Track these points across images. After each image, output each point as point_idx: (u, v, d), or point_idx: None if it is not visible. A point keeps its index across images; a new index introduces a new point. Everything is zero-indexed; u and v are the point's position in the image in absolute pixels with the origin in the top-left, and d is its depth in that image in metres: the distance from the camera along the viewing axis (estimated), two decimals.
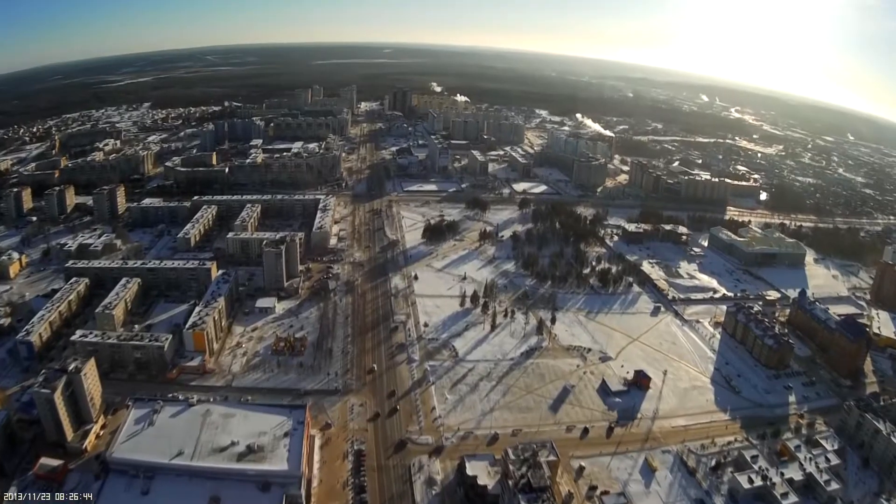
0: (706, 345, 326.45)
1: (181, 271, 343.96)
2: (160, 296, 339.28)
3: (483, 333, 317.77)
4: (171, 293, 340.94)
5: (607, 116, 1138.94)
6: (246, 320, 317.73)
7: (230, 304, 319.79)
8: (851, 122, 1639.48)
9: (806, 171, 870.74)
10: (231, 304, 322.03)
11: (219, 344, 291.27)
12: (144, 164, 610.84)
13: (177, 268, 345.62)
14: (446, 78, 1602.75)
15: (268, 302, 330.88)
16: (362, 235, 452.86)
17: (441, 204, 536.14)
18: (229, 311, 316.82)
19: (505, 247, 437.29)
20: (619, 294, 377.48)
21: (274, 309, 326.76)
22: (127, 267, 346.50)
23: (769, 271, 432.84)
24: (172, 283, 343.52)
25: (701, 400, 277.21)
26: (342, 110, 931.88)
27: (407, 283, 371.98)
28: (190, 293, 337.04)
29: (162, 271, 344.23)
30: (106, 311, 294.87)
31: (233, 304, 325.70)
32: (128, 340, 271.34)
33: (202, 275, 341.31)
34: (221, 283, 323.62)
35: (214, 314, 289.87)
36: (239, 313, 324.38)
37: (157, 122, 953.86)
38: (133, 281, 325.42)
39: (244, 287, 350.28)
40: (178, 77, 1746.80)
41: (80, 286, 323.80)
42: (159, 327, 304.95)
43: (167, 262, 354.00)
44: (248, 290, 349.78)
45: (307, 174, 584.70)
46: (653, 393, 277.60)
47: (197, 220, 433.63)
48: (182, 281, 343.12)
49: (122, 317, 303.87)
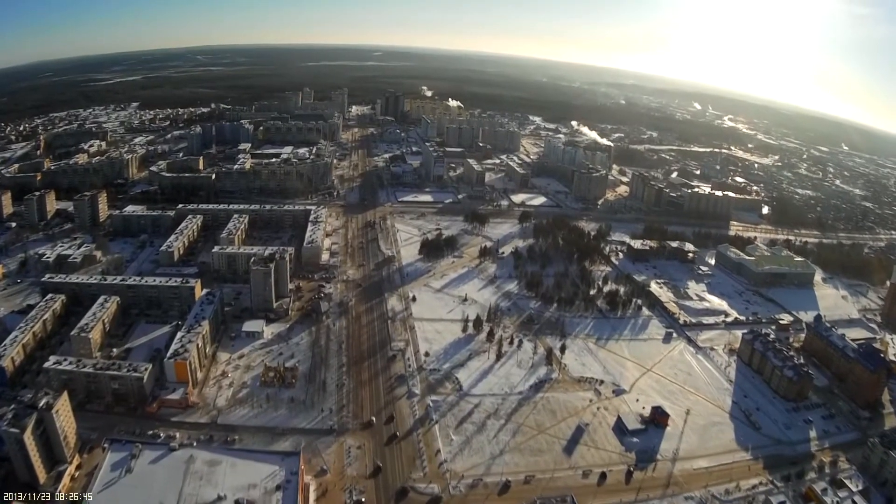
0: (722, 375, 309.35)
1: (163, 289, 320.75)
2: (140, 315, 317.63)
3: (488, 363, 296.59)
4: (151, 312, 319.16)
5: (602, 124, 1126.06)
6: (232, 346, 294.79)
7: (215, 328, 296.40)
8: (844, 132, 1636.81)
9: (804, 183, 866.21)
10: (216, 328, 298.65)
11: (202, 373, 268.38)
12: (129, 168, 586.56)
13: (158, 286, 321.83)
14: (437, 82, 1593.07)
15: (255, 325, 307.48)
16: (355, 250, 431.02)
17: (437, 216, 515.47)
18: (214, 335, 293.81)
19: (506, 264, 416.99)
20: (628, 318, 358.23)
21: (262, 333, 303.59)
22: (106, 283, 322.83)
23: (778, 291, 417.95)
24: (153, 301, 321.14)
25: (721, 438, 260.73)
26: (333, 114, 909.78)
27: (404, 305, 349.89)
28: (172, 313, 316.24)
29: (142, 289, 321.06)
30: (82, 333, 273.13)
31: (218, 327, 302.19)
32: (104, 370, 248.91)
33: (185, 294, 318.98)
34: (206, 304, 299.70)
35: (198, 340, 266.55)
36: (224, 338, 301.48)
37: (145, 122, 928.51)
38: (111, 300, 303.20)
39: (230, 307, 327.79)
40: (168, 77, 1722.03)
41: (56, 304, 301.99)
42: (139, 352, 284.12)
43: (148, 279, 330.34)
44: (235, 310, 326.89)
45: (297, 182, 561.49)
46: (671, 431, 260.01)
47: (181, 231, 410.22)
48: (164, 300, 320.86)
49: (99, 340, 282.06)
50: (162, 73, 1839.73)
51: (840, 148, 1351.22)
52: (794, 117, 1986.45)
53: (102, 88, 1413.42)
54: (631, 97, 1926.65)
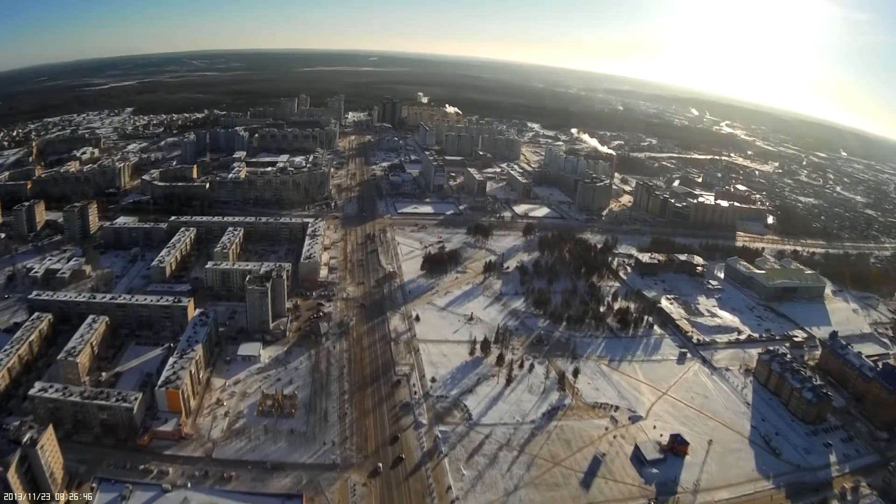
0: (739, 397, 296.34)
1: (154, 309, 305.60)
2: (131, 335, 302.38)
3: (497, 389, 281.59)
4: (142, 333, 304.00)
5: (600, 131, 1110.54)
6: (227, 371, 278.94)
7: (209, 351, 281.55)
8: (842, 137, 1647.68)
9: (805, 191, 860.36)
10: (210, 351, 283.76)
11: (196, 401, 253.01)
12: (121, 177, 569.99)
13: (149, 305, 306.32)
14: (433, 88, 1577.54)
15: (252, 349, 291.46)
16: (355, 265, 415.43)
17: (439, 228, 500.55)
18: (208, 359, 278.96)
19: (512, 280, 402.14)
20: (640, 337, 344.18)
21: (259, 357, 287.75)
22: (95, 302, 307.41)
23: (789, 306, 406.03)
24: (144, 321, 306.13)
25: (742, 466, 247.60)
26: (330, 121, 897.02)
27: (407, 326, 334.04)
28: (164, 333, 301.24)
29: (133, 308, 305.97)
30: (69, 357, 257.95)
31: (212, 349, 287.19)
32: (92, 399, 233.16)
33: (177, 313, 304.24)
34: (199, 326, 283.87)
35: (191, 366, 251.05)
36: (219, 361, 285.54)
37: (139, 128, 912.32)
38: (100, 320, 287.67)
39: (224, 327, 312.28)
40: (163, 81, 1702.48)
41: (42, 323, 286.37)
42: (129, 376, 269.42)
43: (139, 298, 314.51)
44: (229, 331, 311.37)
45: (293, 192, 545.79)
46: (691, 460, 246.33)
47: (174, 244, 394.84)
48: (155, 320, 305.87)
49: (87, 364, 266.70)
50: (157, 77, 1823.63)
51: (838, 154, 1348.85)
52: (792, 123, 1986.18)
53: (97, 93, 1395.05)
54: (628, 103, 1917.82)
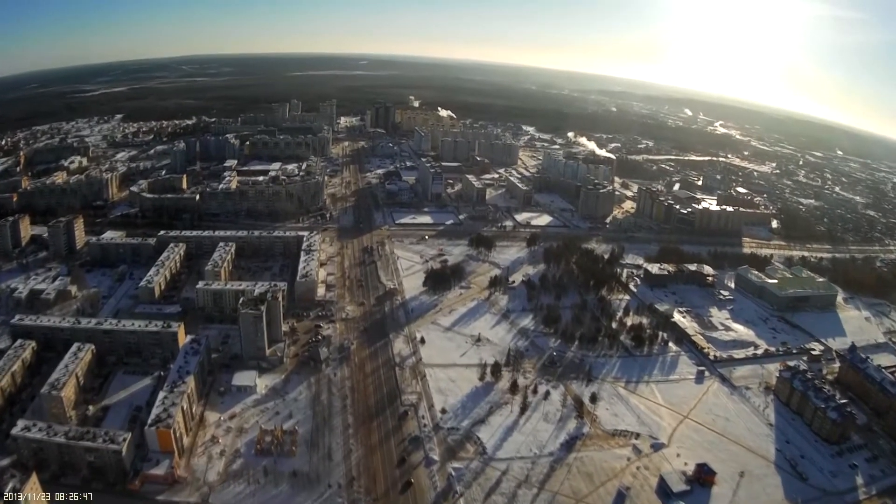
0: (761, 418, 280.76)
1: (142, 335, 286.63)
2: (118, 363, 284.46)
3: (512, 418, 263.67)
4: (130, 360, 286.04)
5: (596, 133, 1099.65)
6: (221, 403, 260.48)
7: (201, 381, 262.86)
8: (836, 136, 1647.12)
9: (805, 192, 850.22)
10: (202, 381, 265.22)
11: (189, 438, 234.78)
12: (109, 188, 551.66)
13: (137, 331, 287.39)
14: (425, 91, 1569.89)
15: (247, 378, 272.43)
16: (353, 282, 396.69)
17: (439, 240, 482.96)
18: (201, 390, 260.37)
19: (518, 296, 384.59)
20: (655, 355, 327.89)
21: (255, 388, 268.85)
22: (80, 328, 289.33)
23: (802, 316, 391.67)
24: (132, 348, 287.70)
25: (770, 494, 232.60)
26: (322, 127, 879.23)
27: (412, 349, 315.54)
28: (153, 361, 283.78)
29: (120, 334, 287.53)
30: (53, 391, 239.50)
31: (204, 379, 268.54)
32: (78, 439, 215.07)
33: (167, 339, 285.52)
34: (190, 354, 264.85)
35: (183, 402, 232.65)
36: (212, 392, 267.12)
37: (128, 136, 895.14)
38: (85, 349, 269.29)
39: (218, 354, 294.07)
40: (153, 87, 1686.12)
41: (25, 352, 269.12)
42: (118, 410, 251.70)
43: (126, 323, 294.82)
44: (223, 358, 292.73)
45: (287, 203, 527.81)
46: (719, 491, 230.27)
47: (163, 262, 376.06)
48: (144, 346, 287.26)
49: (72, 397, 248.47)
50: (147, 83, 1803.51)
51: (834, 153, 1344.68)
52: (785, 122, 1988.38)
53: (87, 100, 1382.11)
54: (622, 104, 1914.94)
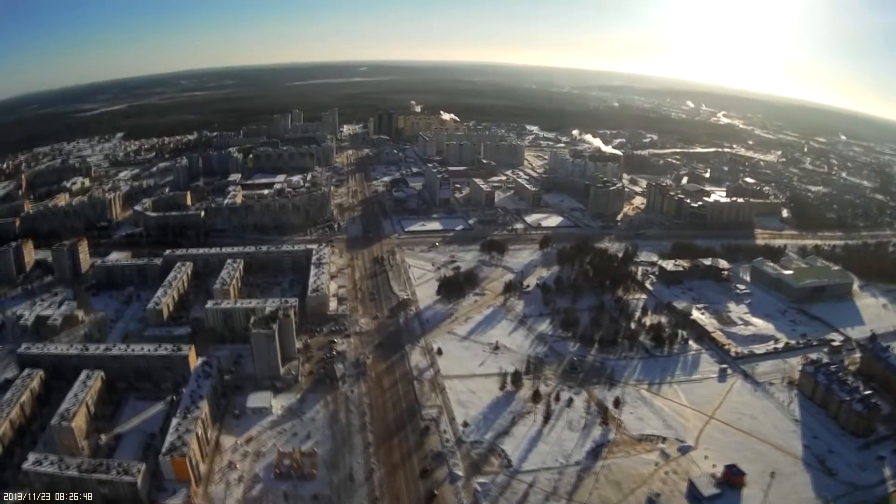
0: (786, 414, 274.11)
1: (152, 360, 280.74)
2: (129, 389, 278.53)
3: (535, 428, 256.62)
4: (141, 385, 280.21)
5: (600, 130, 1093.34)
6: (237, 426, 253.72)
7: (215, 405, 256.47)
8: (838, 121, 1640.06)
9: (813, 179, 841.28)
10: (216, 404, 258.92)
11: (206, 465, 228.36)
12: (112, 208, 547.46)
13: (147, 355, 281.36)
14: (425, 95, 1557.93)
15: (262, 399, 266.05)
16: (365, 294, 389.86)
17: (450, 247, 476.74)
18: (214, 414, 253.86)
19: (534, 300, 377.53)
20: (676, 355, 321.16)
21: (270, 409, 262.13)
22: (88, 354, 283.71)
23: (820, 307, 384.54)
24: (143, 373, 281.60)
25: (800, 492, 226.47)
26: (326, 137, 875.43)
27: (429, 360, 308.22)
28: (165, 385, 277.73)
29: (129, 360, 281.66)
30: (63, 422, 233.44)
31: (218, 402, 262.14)
32: (91, 472, 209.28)
33: (178, 363, 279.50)
34: (202, 378, 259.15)
35: (197, 428, 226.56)
36: (227, 416, 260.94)
37: (130, 154, 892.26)
38: (95, 376, 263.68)
39: (230, 375, 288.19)
40: (152, 104, 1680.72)
41: (33, 381, 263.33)
42: (131, 439, 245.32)
43: (135, 348, 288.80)
44: (236, 379, 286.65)
45: (294, 216, 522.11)
46: (749, 492, 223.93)
47: (169, 283, 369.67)
48: (154, 370, 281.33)
49: (83, 426, 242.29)
50: (147, 100, 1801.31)
51: (838, 138, 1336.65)
52: (786, 109, 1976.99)
53: (88, 119, 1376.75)
54: (623, 99, 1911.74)
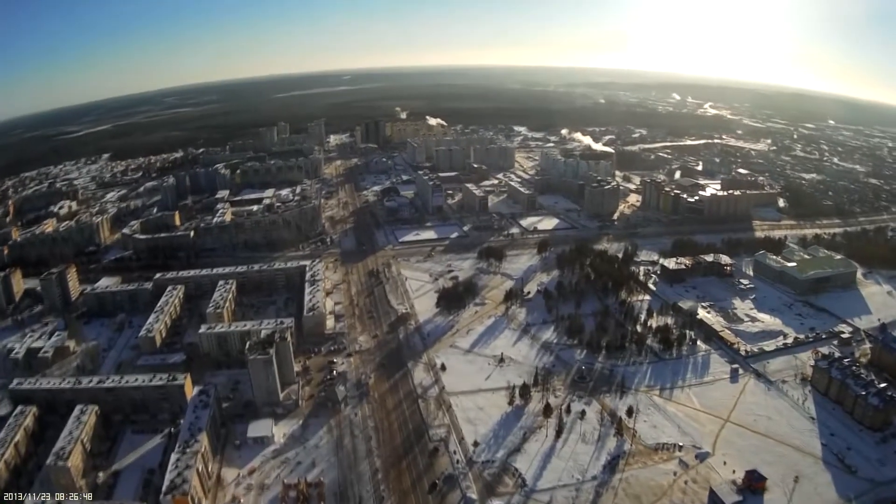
0: (801, 412, 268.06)
1: (147, 391, 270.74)
2: (125, 421, 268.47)
3: (548, 443, 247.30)
4: (137, 418, 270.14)
5: (589, 127, 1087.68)
6: (238, 457, 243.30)
7: (214, 436, 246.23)
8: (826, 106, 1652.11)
9: (805, 166, 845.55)
10: (215, 434, 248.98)
11: (209, 502, 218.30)
12: (100, 232, 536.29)
13: (141, 387, 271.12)
14: (411, 101, 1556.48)
15: (263, 428, 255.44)
16: (363, 310, 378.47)
17: (446, 255, 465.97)
18: (214, 446, 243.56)
19: (536, 307, 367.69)
20: (686, 357, 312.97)
21: (272, 438, 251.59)
22: (81, 388, 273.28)
23: (825, 298, 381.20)
24: (138, 405, 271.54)
25: (823, 493, 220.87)
26: (313, 148, 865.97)
27: (433, 377, 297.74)
28: (161, 416, 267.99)
29: (124, 391, 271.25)
30: (59, 462, 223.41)
31: (217, 433, 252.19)
32: None
33: (173, 393, 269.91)
34: (200, 408, 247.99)
35: (198, 463, 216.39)
36: (227, 446, 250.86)
37: (117, 175, 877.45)
38: (89, 411, 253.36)
39: (229, 402, 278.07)
40: (138, 123, 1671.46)
41: (27, 419, 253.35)
42: (130, 475, 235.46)
43: (129, 379, 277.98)
44: (234, 406, 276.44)
45: (285, 231, 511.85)
46: (771, 497, 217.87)
47: (161, 308, 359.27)
48: (150, 402, 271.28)
49: (80, 465, 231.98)
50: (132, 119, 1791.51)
51: (826, 123, 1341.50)
52: (772, 96, 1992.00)
53: (73, 141, 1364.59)
54: (609, 95, 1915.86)
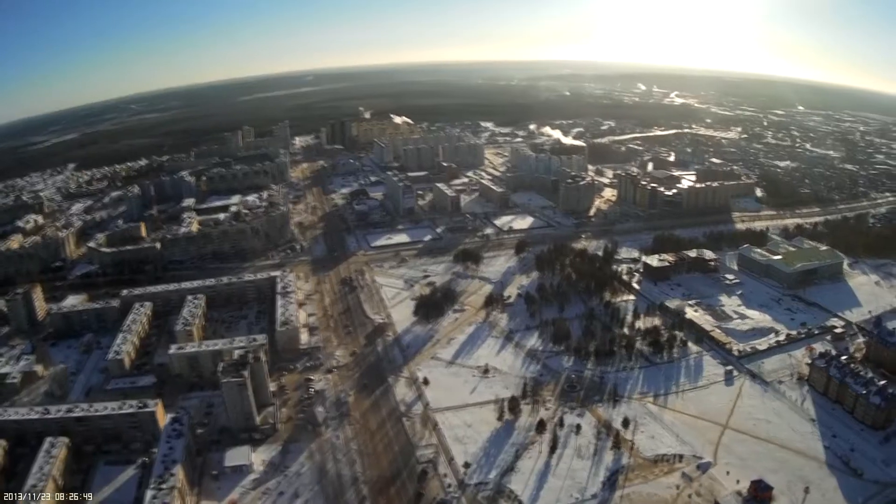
0: (801, 414, 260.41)
1: (118, 419, 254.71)
2: (98, 453, 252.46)
3: (542, 460, 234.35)
4: (110, 448, 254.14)
5: (556, 121, 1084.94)
6: (217, 489, 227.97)
7: (190, 467, 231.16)
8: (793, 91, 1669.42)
9: (778, 154, 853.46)
10: (192, 465, 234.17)
11: None
12: (66, 246, 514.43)
13: (112, 415, 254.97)
14: (376, 100, 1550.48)
15: (241, 456, 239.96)
16: (338, 322, 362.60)
17: (421, 260, 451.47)
18: (191, 477, 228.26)
19: (518, 312, 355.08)
20: (678, 360, 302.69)
21: (250, 466, 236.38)
22: (50, 418, 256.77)
23: (813, 291, 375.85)
24: (110, 434, 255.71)
25: (831, 500, 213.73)
26: (279, 152, 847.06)
27: (416, 392, 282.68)
28: (134, 446, 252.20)
29: (94, 421, 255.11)
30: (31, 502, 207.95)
31: (193, 463, 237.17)
32: None
33: (145, 421, 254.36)
34: (174, 438, 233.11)
35: (174, 500, 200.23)
36: (205, 476, 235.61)
37: (82, 185, 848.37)
38: (59, 444, 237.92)
39: (203, 428, 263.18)
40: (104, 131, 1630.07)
41: None
42: None
43: (98, 407, 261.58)
44: (209, 433, 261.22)
45: (253, 240, 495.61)
46: None
47: (129, 327, 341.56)
48: (122, 430, 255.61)
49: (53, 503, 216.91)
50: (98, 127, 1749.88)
51: (796, 109, 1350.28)
52: (739, 83, 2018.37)
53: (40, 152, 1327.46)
54: (574, 87, 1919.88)
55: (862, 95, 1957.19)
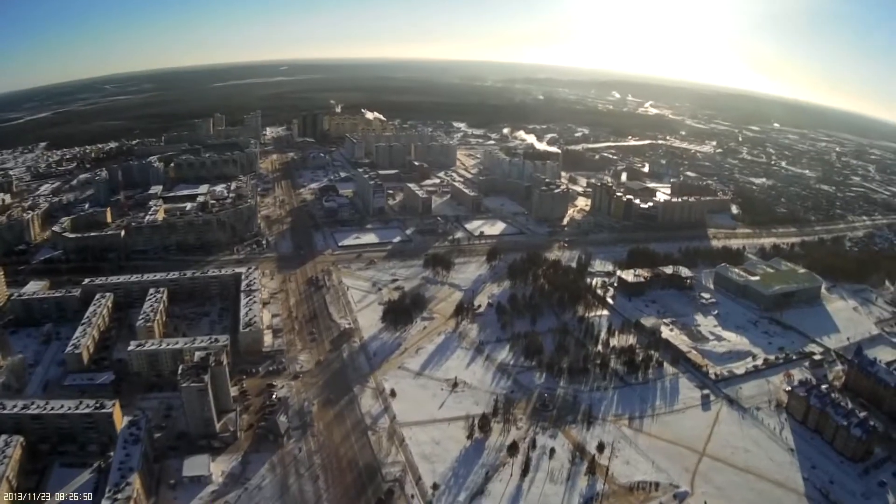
0: (780, 444, 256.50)
1: (74, 419, 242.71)
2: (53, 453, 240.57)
3: (514, 483, 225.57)
4: (66, 448, 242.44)
5: (530, 125, 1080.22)
6: (174, 499, 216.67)
7: (147, 475, 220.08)
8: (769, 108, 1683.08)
9: (754, 170, 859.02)
10: (149, 472, 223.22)
11: None
12: (31, 229, 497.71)
13: (68, 414, 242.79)
14: (349, 93, 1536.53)
15: (199, 466, 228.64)
16: (303, 324, 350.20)
17: (390, 263, 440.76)
18: (148, 486, 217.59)
19: (489, 323, 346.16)
20: (653, 381, 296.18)
21: (210, 477, 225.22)
22: (5, 414, 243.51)
23: (791, 314, 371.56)
24: (66, 434, 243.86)
25: None
26: (249, 142, 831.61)
27: (382, 404, 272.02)
28: (91, 447, 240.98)
29: (50, 419, 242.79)
30: None
31: (150, 470, 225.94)
32: None
33: (102, 422, 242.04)
34: (130, 444, 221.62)
35: None
36: (162, 485, 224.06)
37: (52, 165, 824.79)
38: (13, 443, 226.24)
39: (161, 433, 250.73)
40: (76, 111, 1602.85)
41: None
42: None
43: (54, 405, 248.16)
44: (167, 438, 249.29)
45: (219, 232, 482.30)
46: None
47: (89, 319, 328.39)
48: (78, 431, 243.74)
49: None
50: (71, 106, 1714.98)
51: (771, 125, 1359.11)
52: (713, 97, 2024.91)
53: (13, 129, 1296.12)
54: (548, 91, 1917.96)
55: (838, 115, 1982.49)
